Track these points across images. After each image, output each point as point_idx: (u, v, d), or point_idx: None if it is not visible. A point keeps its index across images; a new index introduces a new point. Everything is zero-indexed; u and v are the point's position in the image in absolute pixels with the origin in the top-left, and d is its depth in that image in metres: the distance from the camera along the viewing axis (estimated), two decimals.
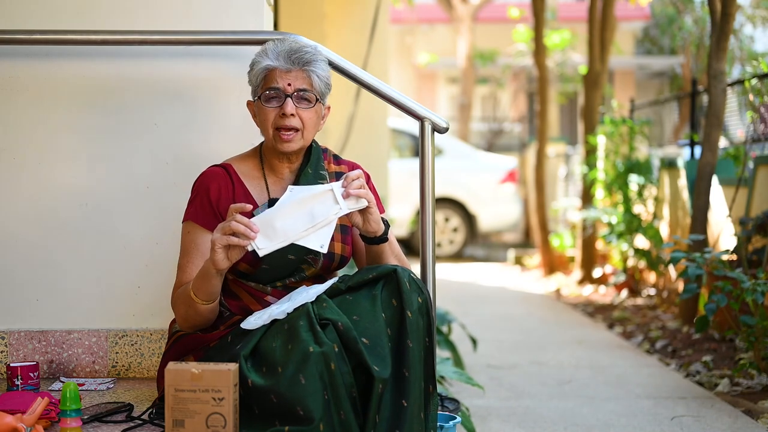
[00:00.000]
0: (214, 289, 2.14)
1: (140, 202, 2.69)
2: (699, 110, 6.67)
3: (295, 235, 2.07)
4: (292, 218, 2.08)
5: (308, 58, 2.26)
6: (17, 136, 2.68)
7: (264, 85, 2.26)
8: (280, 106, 2.24)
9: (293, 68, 2.25)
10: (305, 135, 2.28)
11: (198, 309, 2.16)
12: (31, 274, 2.69)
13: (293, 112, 2.24)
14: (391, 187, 8.38)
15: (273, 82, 2.25)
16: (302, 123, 2.26)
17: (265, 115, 2.27)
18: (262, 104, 2.26)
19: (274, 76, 2.25)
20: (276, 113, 2.25)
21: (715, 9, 5.01)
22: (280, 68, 2.25)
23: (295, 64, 2.25)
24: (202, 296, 2.15)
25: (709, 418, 3.60)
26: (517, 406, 3.85)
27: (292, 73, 2.25)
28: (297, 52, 2.25)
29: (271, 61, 2.25)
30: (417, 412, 2.03)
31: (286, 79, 2.24)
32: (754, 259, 4.65)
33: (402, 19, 16.22)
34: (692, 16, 13.18)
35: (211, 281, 2.12)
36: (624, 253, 7.09)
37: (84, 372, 2.69)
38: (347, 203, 2.12)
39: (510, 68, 15.06)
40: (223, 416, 1.97)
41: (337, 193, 2.12)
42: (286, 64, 2.25)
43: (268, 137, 2.29)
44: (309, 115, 2.27)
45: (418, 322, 2.08)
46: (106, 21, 2.67)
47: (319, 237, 2.09)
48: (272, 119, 2.25)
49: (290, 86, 2.24)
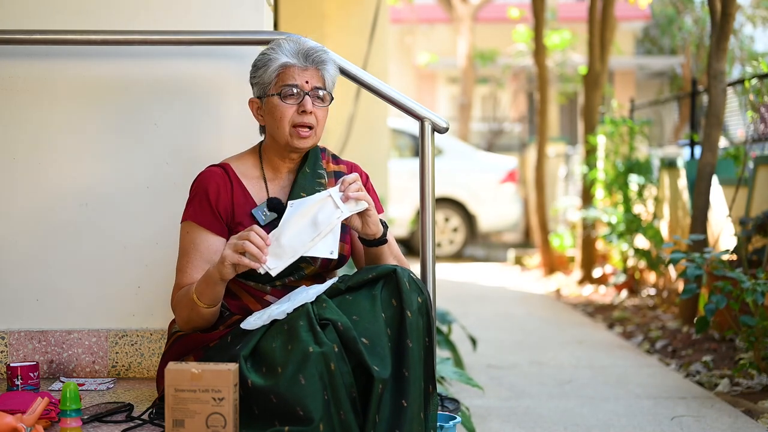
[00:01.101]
0: (219, 294, 2.15)
1: (140, 202, 2.69)
2: (699, 110, 6.67)
3: (303, 247, 2.09)
4: (296, 232, 2.10)
5: (323, 58, 2.28)
6: (17, 136, 2.68)
7: (280, 82, 2.25)
8: (299, 103, 2.24)
9: (310, 66, 2.26)
10: (317, 133, 2.29)
11: (201, 312, 2.17)
12: (31, 274, 2.69)
13: (312, 110, 2.24)
14: (391, 187, 8.38)
15: (291, 79, 2.24)
16: (317, 121, 2.27)
17: (281, 111, 2.25)
18: (280, 100, 2.25)
19: (291, 73, 2.24)
20: (294, 110, 2.24)
21: (715, 9, 5.01)
22: (299, 66, 2.25)
23: (312, 63, 2.26)
24: (206, 300, 2.15)
25: (709, 418, 3.60)
26: (517, 406, 3.85)
27: (308, 71, 2.26)
28: (313, 52, 2.27)
29: (288, 58, 2.25)
30: (417, 412, 2.03)
31: (303, 76, 2.25)
32: (754, 259, 4.65)
33: (402, 19, 16.22)
34: (692, 16, 13.17)
35: (215, 287, 2.13)
36: (624, 253, 7.09)
37: (84, 372, 2.69)
38: (347, 206, 2.13)
39: (510, 68, 15.06)
40: (223, 416, 1.97)
41: (335, 197, 2.12)
42: (303, 62, 2.25)
43: (282, 134, 2.26)
44: (323, 113, 2.28)
45: (417, 322, 2.08)
46: (106, 21, 2.67)
47: (326, 244, 2.11)
48: (290, 116, 2.25)
49: (308, 84, 2.25)
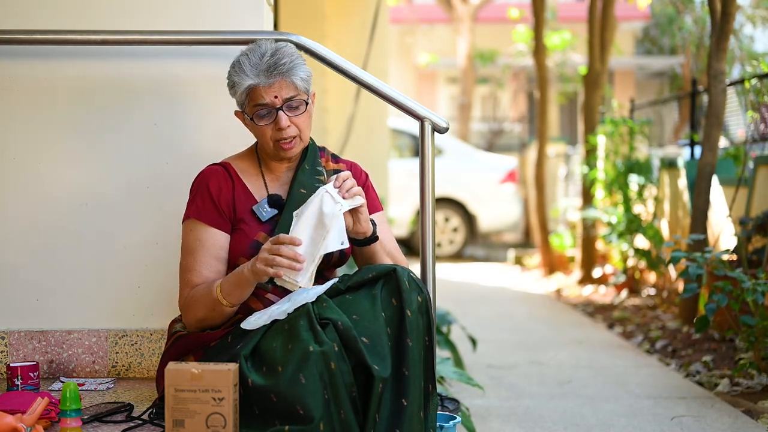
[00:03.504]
0: (247, 294, 2.17)
1: (140, 202, 2.69)
2: (699, 110, 6.66)
3: (318, 249, 2.10)
4: (309, 238, 2.11)
5: (287, 67, 2.21)
6: (17, 136, 2.68)
7: (251, 103, 2.24)
8: (274, 121, 2.23)
9: (275, 81, 2.21)
10: (303, 137, 2.29)
11: (224, 311, 2.18)
12: (31, 274, 2.69)
13: (288, 124, 2.23)
14: (391, 187, 8.37)
15: (260, 99, 2.22)
16: (298, 129, 2.26)
17: (260, 131, 2.26)
18: (255, 122, 2.25)
19: (258, 93, 2.21)
20: (272, 128, 2.24)
21: (715, 9, 5.01)
22: (263, 84, 2.21)
23: (277, 76, 2.21)
24: (234, 300, 2.16)
25: (709, 418, 3.60)
26: (517, 406, 3.85)
27: (275, 86, 2.21)
28: (275, 65, 2.21)
29: (252, 80, 2.21)
30: (417, 411, 2.03)
31: (271, 92, 2.21)
32: (754, 259, 4.65)
33: (402, 19, 16.22)
34: (692, 16, 13.16)
35: (247, 288, 2.15)
36: (624, 253, 7.09)
37: (84, 372, 2.69)
38: (345, 202, 2.15)
39: (510, 68, 15.06)
40: (223, 416, 1.97)
41: (332, 192, 2.14)
42: (267, 80, 2.20)
43: (267, 148, 2.29)
44: (303, 119, 2.27)
45: (417, 321, 2.08)
46: (106, 21, 2.67)
47: (336, 237, 2.12)
48: (269, 134, 2.25)
49: (277, 98, 2.22)
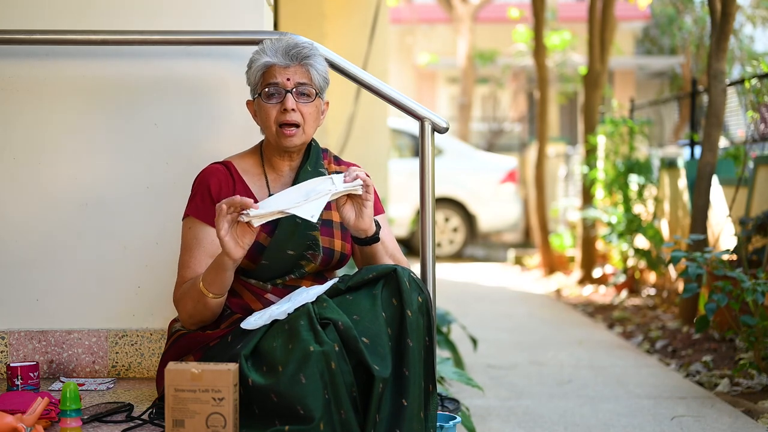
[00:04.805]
0: (227, 281, 2.15)
1: (140, 202, 2.69)
2: (699, 110, 6.67)
3: (287, 205, 2.08)
4: (286, 196, 2.11)
5: (306, 53, 2.28)
6: (17, 136, 2.68)
7: (263, 82, 2.28)
8: (281, 102, 2.26)
9: (292, 64, 2.26)
10: (306, 130, 2.29)
11: (208, 303, 2.17)
12: (31, 274, 2.69)
13: (294, 107, 2.25)
14: (391, 187, 8.37)
15: (272, 78, 2.26)
16: (303, 118, 2.27)
17: (266, 112, 2.28)
18: (263, 101, 2.27)
19: (273, 72, 2.26)
20: (277, 109, 2.26)
21: (715, 9, 5.01)
22: (279, 64, 2.26)
23: (294, 60, 2.27)
24: (215, 289, 2.15)
25: (709, 418, 3.60)
26: (517, 406, 3.85)
27: (290, 69, 2.26)
28: (295, 48, 2.27)
29: (270, 58, 2.26)
30: (417, 411, 2.03)
31: (285, 74, 2.26)
32: (754, 259, 4.65)
33: (402, 19, 16.22)
34: (692, 16, 13.17)
35: (225, 274, 2.13)
36: (624, 253, 7.09)
37: (84, 372, 2.69)
38: (342, 185, 2.13)
39: (510, 68, 15.06)
40: (223, 416, 1.97)
41: (335, 178, 2.14)
42: (284, 60, 2.26)
43: (270, 134, 2.30)
44: (309, 109, 2.28)
45: (418, 321, 2.08)
46: (106, 21, 2.67)
47: (310, 208, 2.10)
48: (274, 115, 2.27)
49: (290, 81, 2.26)
